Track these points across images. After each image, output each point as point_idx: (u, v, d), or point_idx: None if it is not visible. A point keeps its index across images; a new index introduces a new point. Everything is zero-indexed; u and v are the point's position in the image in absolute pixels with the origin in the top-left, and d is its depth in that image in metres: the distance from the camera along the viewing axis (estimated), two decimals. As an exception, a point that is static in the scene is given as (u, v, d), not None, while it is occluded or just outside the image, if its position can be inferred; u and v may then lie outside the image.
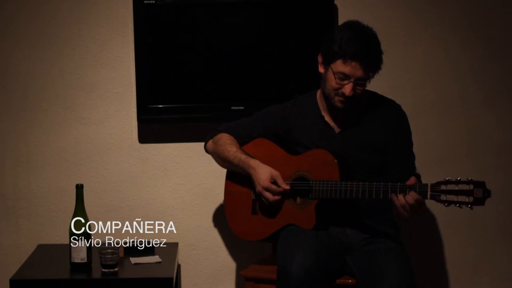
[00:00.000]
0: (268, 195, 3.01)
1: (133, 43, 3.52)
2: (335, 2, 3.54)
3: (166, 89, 3.52)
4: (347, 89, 2.91)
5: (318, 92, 3.12)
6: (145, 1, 3.45)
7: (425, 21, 3.61)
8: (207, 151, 3.26)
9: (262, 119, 3.19)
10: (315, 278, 2.80)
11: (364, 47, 2.89)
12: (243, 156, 3.08)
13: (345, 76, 2.91)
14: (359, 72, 2.90)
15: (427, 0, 3.61)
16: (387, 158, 3.02)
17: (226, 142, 3.15)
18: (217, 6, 3.48)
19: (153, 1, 3.45)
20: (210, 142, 3.22)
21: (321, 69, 3.01)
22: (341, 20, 3.55)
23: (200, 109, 3.53)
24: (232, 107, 3.50)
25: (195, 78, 3.53)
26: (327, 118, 3.07)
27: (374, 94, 3.11)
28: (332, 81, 2.94)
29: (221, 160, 3.18)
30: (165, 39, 3.49)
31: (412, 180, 2.78)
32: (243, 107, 3.48)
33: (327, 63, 2.95)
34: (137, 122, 3.57)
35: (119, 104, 3.60)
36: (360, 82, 2.91)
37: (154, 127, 3.59)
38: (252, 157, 3.08)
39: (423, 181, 2.89)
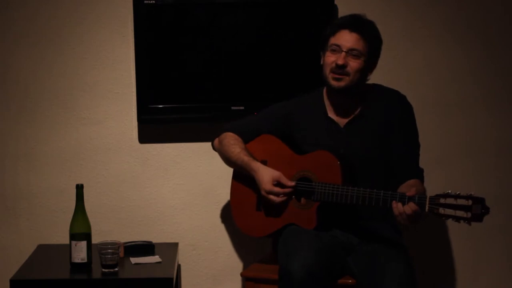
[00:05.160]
0: (272, 197, 3.02)
1: (133, 43, 3.52)
2: (335, 2, 3.53)
3: (166, 89, 3.52)
4: (340, 58, 2.96)
5: (325, 89, 3.12)
6: (145, 1, 3.45)
7: (425, 21, 3.61)
8: (214, 149, 3.27)
9: (268, 116, 3.19)
10: (317, 278, 2.80)
11: (354, 18, 3.01)
12: (246, 158, 3.09)
13: (337, 47, 2.97)
14: (349, 42, 2.96)
15: (427, 0, 3.61)
16: (392, 149, 3.02)
17: (230, 142, 3.15)
18: (217, 6, 3.48)
19: (153, 1, 3.45)
20: (216, 141, 3.24)
21: (322, 61, 3.05)
22: (341, 20, 3.56)
23: (200, 109, 3.53)
24: (232, 107, 3.50)
25: (195, 78, 3.53)
26: (331, 114, 3.08)
27: (377, 86, 3.12)
28: (327, 59, 3.00)
29: (226, 160, 3.19)
30: (165, 39, 3.49)
31: (412, 191, 2.80)
32: (243, 107, 3.48)
33: (323, 49, 3.02)
34: (137, 122, 3.57)
35: (119, 104, 3.60)
36: (352, 52, 2.95)
37: (154, 127, 3.59)
38: (255, 158, 3.08)
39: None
